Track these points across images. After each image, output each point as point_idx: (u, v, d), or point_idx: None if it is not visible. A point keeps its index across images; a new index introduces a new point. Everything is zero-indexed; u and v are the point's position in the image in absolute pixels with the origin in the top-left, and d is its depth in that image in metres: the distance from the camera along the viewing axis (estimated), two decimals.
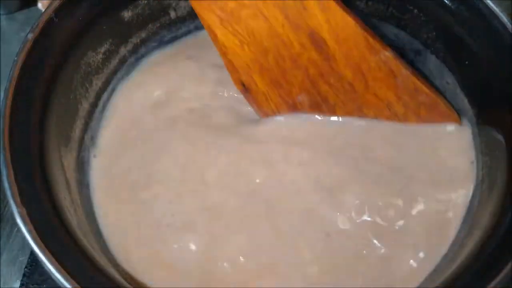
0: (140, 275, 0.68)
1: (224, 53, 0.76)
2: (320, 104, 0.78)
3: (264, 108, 0.80)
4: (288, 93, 0.77)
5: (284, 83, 0.77)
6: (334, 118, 0.79)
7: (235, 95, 0.82)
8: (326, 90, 0.76)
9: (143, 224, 0.72)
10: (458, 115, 0.77)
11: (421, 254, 0.69)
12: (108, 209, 0.73)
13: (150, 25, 0.83)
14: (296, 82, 0.76)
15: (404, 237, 0.71)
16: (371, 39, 0.72)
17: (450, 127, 0.77)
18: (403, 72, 0.74)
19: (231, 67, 0.77)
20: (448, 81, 0.77)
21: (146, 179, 0.75)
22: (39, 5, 1.00)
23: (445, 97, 0.78)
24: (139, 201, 0.74)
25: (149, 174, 0.75)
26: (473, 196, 0.71)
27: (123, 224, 0.72)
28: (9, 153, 0.60)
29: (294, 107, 0.79)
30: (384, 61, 0.73)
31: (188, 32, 0.88)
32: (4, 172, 0.59)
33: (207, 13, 0.73)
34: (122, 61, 0.82)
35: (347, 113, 0.78)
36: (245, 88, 0.79)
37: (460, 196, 0.72)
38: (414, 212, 0.72)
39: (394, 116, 0.77)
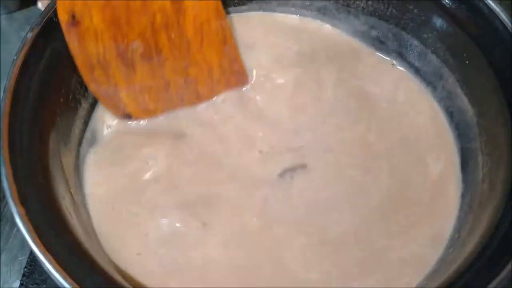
0: (138, 275, 0.68)
1: None
2: (152, 56, 0.76)
3: (88, 53, 0.72)
4: (124, 36, 0.73)
5: (125, 25, 0.73)
6: None
7: None
8: (164, 43, 0.76)
9: (140, 224, 0.72)
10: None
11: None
12: (105, 209, 0.73)
13: None
14: (138, 27, 0.73)
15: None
16: (220, 5, 0.78)
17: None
18: (232, 42, 0.81)
19: None
20: (448, 80, 0.77)
21: (144, 178, 0.75)
22: (39, 4, 1.00)
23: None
24: (136, 202, 0.73)
25: (147, 173, 0.75)
26: (473, 196, 0.71)
27: (119, 225, 0.72)
28: (8, 153, 0.60)
29: (124, 55, 0.74)
30: (223, 27, 0.79)
31: None
32: (3, 172, 0.59)
33: None
34: None
35: (173, 70, 0.78)
36: (73, 21, 0.69)
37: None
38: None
39: (209, 80, 0.81)
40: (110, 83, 0.76)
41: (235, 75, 0.82)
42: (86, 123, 0.77)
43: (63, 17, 0.69)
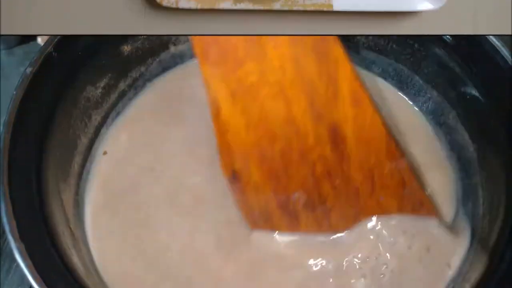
0: None
1: (222, 133, 0.67)
2: (316, 205, 0.71)
3: (250, 205, 0.72)
4: (284, 188, 0.70)
5: (283, 178, 0.69)
6: None
7: None
8: (328, 192, 0.70)
9: (140, 261, 0.71)
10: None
11: None
12: (106, 245, 0.73)
13: (149, 60, 0.83)
14: (298, 178, 0.69)
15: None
16: (393, 146, 0.68)
17: None
18: (414, 184, 0.71)
19: (226, 150, 0.68)
20: (449, 116, 0.77)
21: (144, 216, 0.74)
22: (39, 40, 1.00)
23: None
24: (137, 237, 0.73)
25: (147, 211, 0.75)
26: (474, 231, 0.71)
27: (121, 260, 0.71)
28: (8, 188, 0.60)
29: (285, 207, 0.71)
30: (399, 169, 0.69)
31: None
32: (3, 207, 0.58)
33: (218, 84, 0.65)
34: (122, 96, 0.82)
35: (341, 218, 0.71)
36: (234, 177, 0.70)
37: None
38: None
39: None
40: (274, 231, 0.73)
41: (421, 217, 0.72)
42: (85, 158, 0.77)
43: (226, 174, 0.70)
